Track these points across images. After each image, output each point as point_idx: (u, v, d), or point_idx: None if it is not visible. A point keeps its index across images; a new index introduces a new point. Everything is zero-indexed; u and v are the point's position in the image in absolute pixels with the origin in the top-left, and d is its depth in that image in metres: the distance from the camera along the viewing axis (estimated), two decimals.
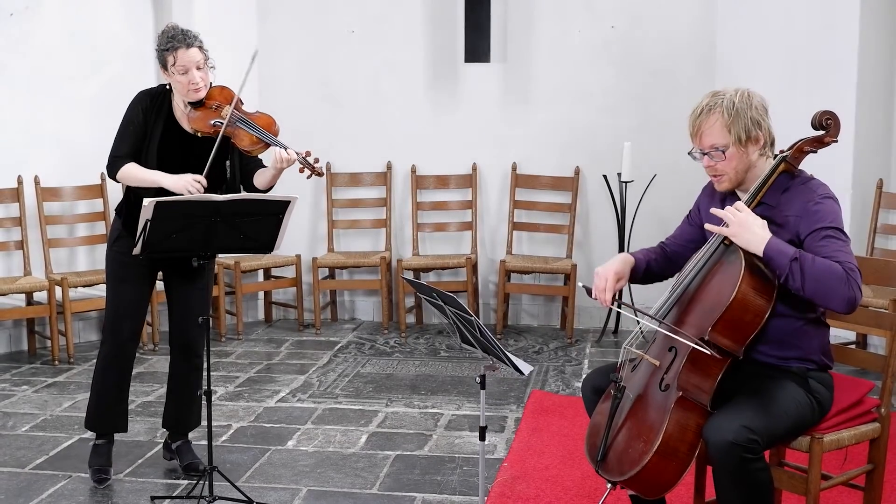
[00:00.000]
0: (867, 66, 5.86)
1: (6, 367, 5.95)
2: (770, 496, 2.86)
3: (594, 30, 6.77)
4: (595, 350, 6.31)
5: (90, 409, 4.18)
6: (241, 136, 3.94)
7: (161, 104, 4.00)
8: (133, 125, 3.97)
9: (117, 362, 4.11)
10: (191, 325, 4.07)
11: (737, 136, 2.95)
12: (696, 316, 2.94)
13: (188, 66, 3.86)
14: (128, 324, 4.07)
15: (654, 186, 6.41)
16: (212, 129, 3.91)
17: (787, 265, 2.80)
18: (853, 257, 2.86)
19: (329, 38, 7.05)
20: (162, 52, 3.90)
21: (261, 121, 4.00)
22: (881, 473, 3.22)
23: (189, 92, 3.90)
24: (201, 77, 3.90)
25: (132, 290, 4.06)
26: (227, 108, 3.93)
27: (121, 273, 4.05)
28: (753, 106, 2.98)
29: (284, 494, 4.01)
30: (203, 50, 3.92)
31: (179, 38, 3.88)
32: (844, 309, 2.81)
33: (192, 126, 3.95)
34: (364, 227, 7.16)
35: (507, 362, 3.07)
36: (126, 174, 3.94)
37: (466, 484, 4.11)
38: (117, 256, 4.04)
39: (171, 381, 4.24)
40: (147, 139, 3.97)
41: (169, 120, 3.99)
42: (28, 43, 6.25)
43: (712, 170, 3.04)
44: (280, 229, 3.76)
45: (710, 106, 3.00)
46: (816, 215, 2.90)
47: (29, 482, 4.14)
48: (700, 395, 2.87)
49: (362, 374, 5.76)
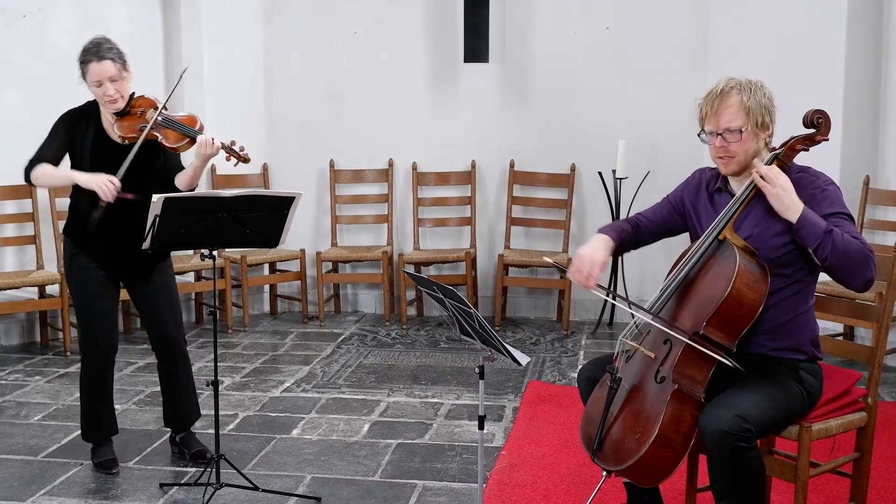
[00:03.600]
0: (855, 66, 5.85)
1: (19, 358, 5.94)
2: (762, 483, 2.86)
3: (590, 31, 6.76)
4: (590, 342, 6.30)
5: (84, 424, 4.15)
6: (166, 134, 3.89)
7: (88, 118, 3.95)
8: (57, 136, 3.93)
9: (100, 375, 4.09)
10: (163, 324, 4.06)
11: (754, 118, 2.93)
12: (690, 310, 2.93)
13: (101, 79, 3.81)
14: (103, 337, 4.04)
15: (648, 183, 6.39)
16: (138, 133, 3.87)
17: (820, 235, 2.79)
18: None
19: (332, 39, 7.04)
20: (79, 65, 3.86)
21: (185, 119, 3.96)
22: (868, 461, 3.21)
23: (105, 104, 3.87)
24: (116, 89, 3.84)
25: (100, 302, 4.02)
26: (151, 111, 3.90)
27: (85, 290, 4.00)
28: (766, 95, 2.98)
29: (289, 481, 4.00)
30: (118, 62, 3.84)
31: (93, 51, 3.82)
32: (861, 286, 2.83)
33: (119, 134, 3.90)
34: (366, 222, 7.15)
35: (505, 353, 3.05)
36: (39, 173, 3.88)
37: (466, 471, 4.10)
38: (78, 274, 4.00)
39: (161, 380, 4.23)
40: (78, 152, 3.92)
41: (98, 131, 3.95)
42: (40, 44, 6.22)
43: (724, 150, 2.97)
44: (285, 224, 3.74)
45: (730, 86, 2.96)
46: (826, 201, 2.90)
47: (41, 470, 4.13)
48: (694, 387, 2.86)
49: (365, 365, 5.75)
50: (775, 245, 2.94)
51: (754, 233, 2.97)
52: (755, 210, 2.97)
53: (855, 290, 2.87)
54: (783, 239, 2.92)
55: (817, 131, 2.98)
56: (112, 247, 3.96)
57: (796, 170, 3.00)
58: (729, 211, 2.97)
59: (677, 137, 5.79)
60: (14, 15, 6.16)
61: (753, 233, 2.97)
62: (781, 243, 2.93)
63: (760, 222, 2.96)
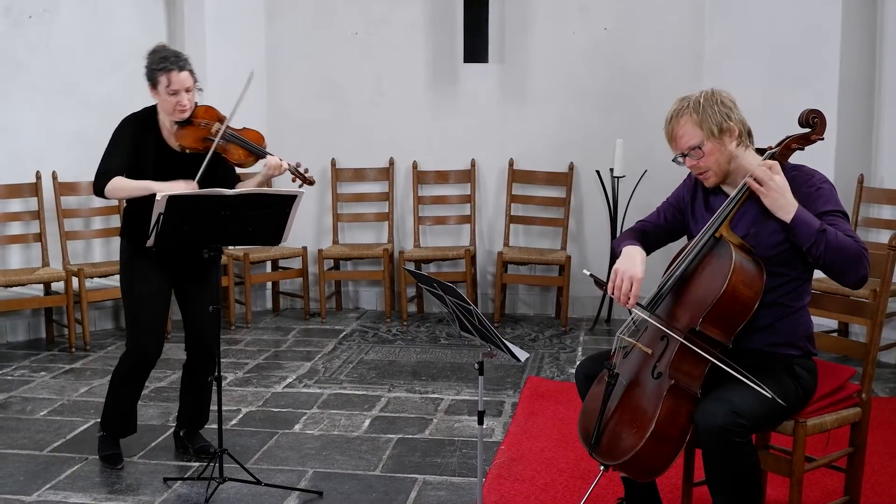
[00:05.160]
0: (849, 67, 5.85)
1: (25, 354, 5.93)
2: (757, 477, 2.86)
3: (588, 31, 6.76)
4: (588, 338, 6.30)
5: (108, 412, 4.14)
6: (231, 150, 3.93)
7: (150, 126, 3.95)
8: (122, 145, 3.91)
9: (139, 373, 4.09)
10: (205, 327, 4.04)
11: (709, 130, 2.93)
12: (687, 307, 2.92)
13: (179, 88, 3.82)
14: (153, 342, 4.02)
15: (645, 181, 6.40)
16: (202, 146, 3.88)
17: (814, 235, 2.80)
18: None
19: (334, 39, 7.04)
20: (153, 72, 3.84)
21: (250, 136, 3.99)
22: (862, 456, 3.22)
23: (175, 112, 3.86)
24: (189, 99, 3.86)
25: (155, 308, 4.01)
26: (217, 125, 3.91)
27: (142, 295, 3.98)
28: (719, 101, 2.96)
29: (291, 476, 4.00)
30: (193, 73, 3.87)
31: (173, 59, 3.83)
32: (855, 284, 2.84)
33: (179, 143, 3.90)
34: (367, 220, 7.14)
35: (505, 349, 3.05)
36: (114, 186, 3.86)
37: (465, 466, 4.10)
38: (137, 279, 3.98)
39: (186, 379, 4.21)
40: (140, 160, 3.90)
41: (158, 140, 3.95)
42: (46, 44, 6.22)
43: (696, 168, 3.01)
44: (287, 222, 3.74)
45: (678, 111, 2.99)
46: (821, 199, 2.90)
47: (47, 464, 4.13)
48: (691, 383, 2.86)
49: (366, 361, 5.75)
50: (771, 243, 2.94)
51: (750, 232, 2.97)
52: (751, 209, 2.96)
53: (849, 287, 2.87)
54: (778, 237, 2.92)
55: (812, 130, 2.98)
56: (171, 249, 3.93)
57: (790, 168, 3.00)
58: (725, 210, 2.97)
59: None
60: (20, 16, 6.16)
61: (749, 232, 2.97)
62: (777, 242, 2.93)
63: (756, 221, 2.96)
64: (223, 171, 4.02)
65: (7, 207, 6.14)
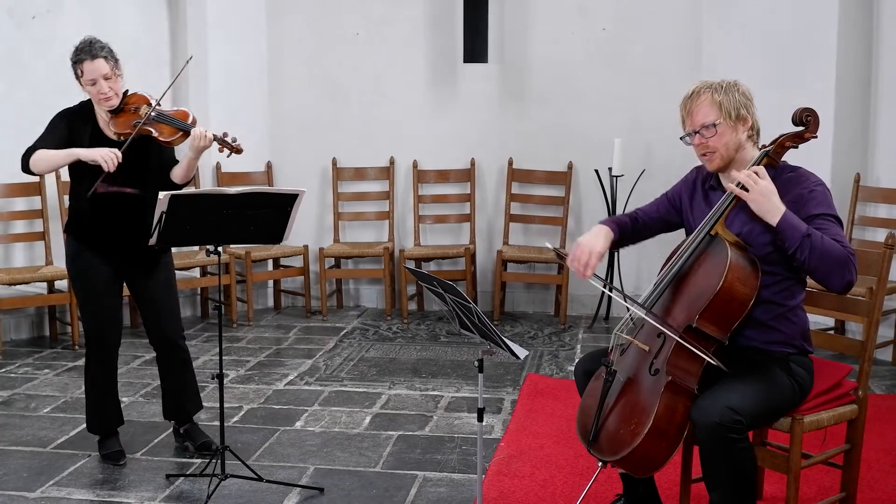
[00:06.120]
0: (845, 66, 5.85)
1: (29, 351, 5.94)
2: (754, 474, 2.86)
3: (587, 32, 6.76)
4: (587, 336, 6.30)
5: (90, 415, 4.15)
6: (160, 129, 3.87)
7: (85, 117, 3.93)
8: (56, 131, 3.89)
9: (106, 369, 4.09)
10: (161, 320, 4.06)
11: (727, 112, 2.94)
12: (683, 304, 2.93)
13: (95, 77, 3.80)
14: (112, 331, 4.04)
15: (643, 180, 6.39)
16: (132, 129, 3.85)
17: (799, 239, 2.79)
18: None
19: (335, 39, 7.04)
20: (73, 65, 3.84)
21: (177, 114, 3.94)
22: (858, 453, 3.22)
23: (100, 101, 3.85)
24: (110, 86, 3.83)
25: (105, 299, 4.01)
26: (145, 107, 3.89)
27: (90, 286, 3.99)
28: (740, 91, 2.99)
29: (293, 472, 4.00)
30: (110, 60, 3.83)
31: (86, 50, 3.81)
32: (840, 289, 2.82)
33: (115, 131, 3.89)
34: (368, 219, 7.14)
35: (504, 347, 3.05)
36: (38, 158, 3.83)
37: (465, 462, 4.10)
38: (83, 272, 3.99)
39: (162, 373, 4.22)
40: (74, 147, 3.88)
41: (94, 130, 3.93)
42: (49, 44, 6.21)
43: (703, 147, 2.99)
44: (288, 221, 3.73)
45: (701, 88, 3.00)
46: (813, 202, 2.89)
47: (50, 461, 4.13)
48: (688, 379, 2.86)
49: (366, 359, 5.75)
50: (763, 242, 2.94)
51: (743, 230, 2.98)
52: (745, 208, 2.96)
53: (835, 292, 2.86)
54: (769, 237, 2.92)
55: (806, 129, 2.99)
56: (115, 241, 3.96)
57: (789, 169, 3.00)
58: (720, 207, 2.97)
59: (671, 136, 5.72)
60: (23, 16, 6.15)
61: (742, 230, 2.98)
62: (768, 241, 2.93)
63: (749, 221, 2.96)
64: (159, 154, 3.97)
65: (11, 206, 6.14)
